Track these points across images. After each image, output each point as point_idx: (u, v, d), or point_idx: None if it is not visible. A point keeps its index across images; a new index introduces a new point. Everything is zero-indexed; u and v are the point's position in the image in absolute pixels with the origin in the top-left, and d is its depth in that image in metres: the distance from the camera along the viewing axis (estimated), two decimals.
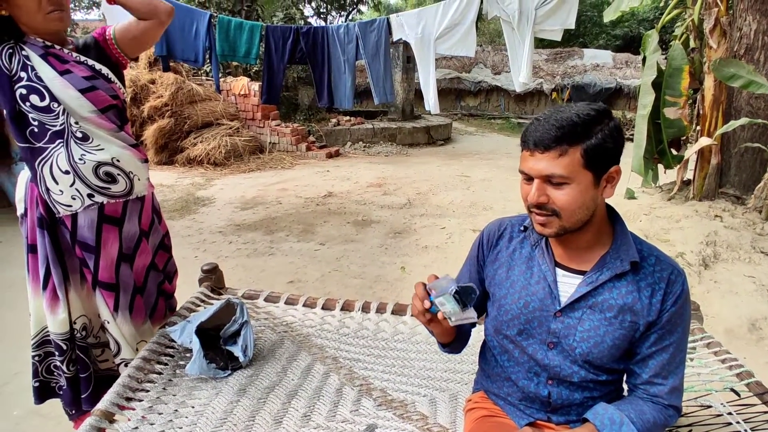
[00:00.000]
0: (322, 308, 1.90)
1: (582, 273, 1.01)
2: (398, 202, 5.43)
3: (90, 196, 1.46)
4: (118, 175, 1.50)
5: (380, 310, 1.86)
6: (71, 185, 1.44)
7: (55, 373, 1.65)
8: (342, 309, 1.88)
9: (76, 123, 1.43)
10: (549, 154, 0.90)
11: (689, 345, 1.60)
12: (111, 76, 1.49)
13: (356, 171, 7.17)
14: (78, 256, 1.51)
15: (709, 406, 1.44)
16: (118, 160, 1.49)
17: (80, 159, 1.43)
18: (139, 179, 1.56)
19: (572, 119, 0.89)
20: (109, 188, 1.49)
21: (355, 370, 1.57)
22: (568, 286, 1.02)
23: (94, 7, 13.33)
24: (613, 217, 1.03)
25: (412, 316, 1.82)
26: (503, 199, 5.39)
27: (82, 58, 1.44)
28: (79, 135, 1.43)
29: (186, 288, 2.07)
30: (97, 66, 1.46)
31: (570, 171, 0.90)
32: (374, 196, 5.72)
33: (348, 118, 9.93)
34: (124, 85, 1.56)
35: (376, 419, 1.35)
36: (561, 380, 1.03)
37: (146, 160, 1.61)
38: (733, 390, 1.44)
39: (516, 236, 1.12)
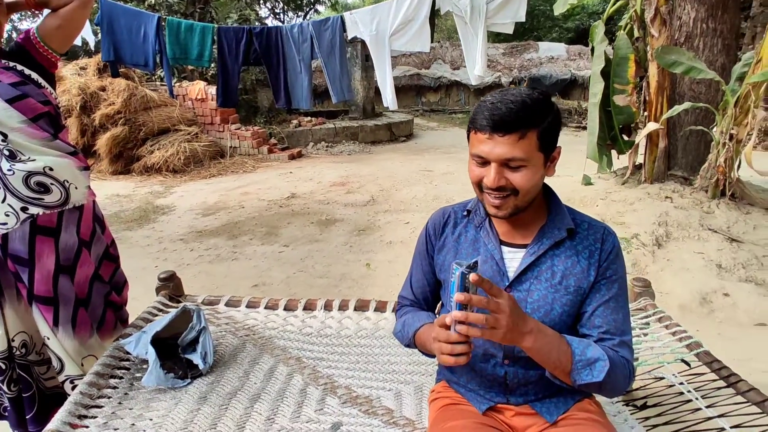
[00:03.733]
0: (285, 309, 1.87)
1: (524, 246, 1.05)
2: (362, 199, 5.42)
3: (24, 209, 1.39)
4: (52, 184, 1.43)
5: (343, 307, 1.85)
6: (2, 201, 1.36)
7: None
8: (304, 309, 1.86)
9: (3, 141, 1.35)
10: (509, 137, 0.91)
11: (642, 321, 1.67)
12: (41, 81, 1.42)
13: (319, 171, 7.12)
14: (11, 270, 1.44)
15: (662, 378, 1.50)
16: (51, 169, 1.41)
17: (9, 170, 1.36)
18: (76, 188, 1.49)
19: (526, 102, 0.91)
20: (42, 199, 1.42)
21: (319, 369, 1.56)
22: (515, 261, 1.05)
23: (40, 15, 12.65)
24: (546, 191, 1.08)
25: (375, 311, 1.83)
26: (466, 191, 5.44)
27: (11, 64, 1.37)
28: (6, 153, 1.36)
29: (146, 299, 2.00)
30: (26, 71, 1.39)
31: (528, 153, 0.93)
32: (338, 195, 5.69)
33: (309, 118, 9.83)
34: (55, 89, 1.49)
35: (341, 417, 1.34)
36: (516, 358, 1.05)
37: (87, 168, 1.54)
38: (683, 361, 1.50)
39: (460, 221, 1.15)
